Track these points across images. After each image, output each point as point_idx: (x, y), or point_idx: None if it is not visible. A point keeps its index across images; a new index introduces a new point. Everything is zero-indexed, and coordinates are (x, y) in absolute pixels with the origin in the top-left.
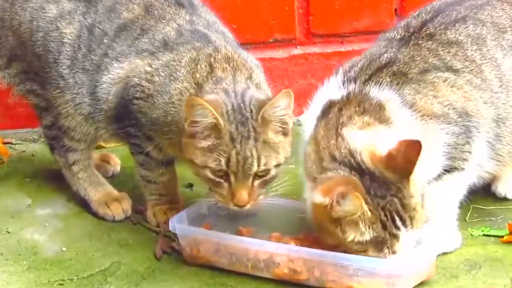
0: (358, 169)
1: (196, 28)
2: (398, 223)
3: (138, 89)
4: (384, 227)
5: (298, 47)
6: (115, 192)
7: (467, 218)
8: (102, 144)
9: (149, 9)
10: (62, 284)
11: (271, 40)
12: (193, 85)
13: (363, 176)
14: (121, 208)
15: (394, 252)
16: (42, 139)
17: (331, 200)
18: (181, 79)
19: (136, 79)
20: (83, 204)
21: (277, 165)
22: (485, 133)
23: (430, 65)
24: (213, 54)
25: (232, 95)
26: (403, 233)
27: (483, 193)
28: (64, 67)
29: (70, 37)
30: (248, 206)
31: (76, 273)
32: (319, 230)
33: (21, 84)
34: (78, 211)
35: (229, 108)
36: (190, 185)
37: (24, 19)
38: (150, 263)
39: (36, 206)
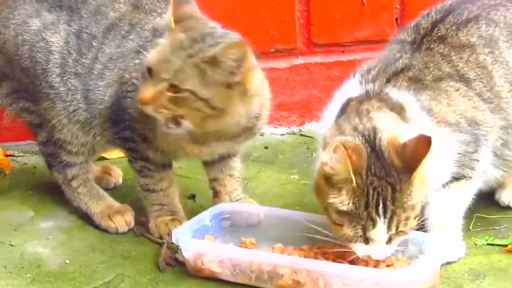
0: (371, 144)
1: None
2: (380, 210)
3: (129, 83)
4: (366, 206)
5: (299, 57)
6: (117, 204)
7: (470, 227)
8: (104, 155)
9: (138, 5)
10: None
11: (272, 50)
12: None
13: (372, 152)
14: (124, 220)
15: (366, 239)
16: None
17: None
18: None
19: (126, 75)
20: (86, 217)
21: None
22: (493, 141)
23: (444, 73)
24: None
25: None
26: (380, 223)
27: (486, 202)
28: (54, 76)
29: (57, 44)
30: None
31: (80, 286)
32: (317, 193)
33: (13, 103)
34: (81, 224)
35: None
36: (193, 196)
37: (9, 36)
38: (154, 275)
39: (39, 218)
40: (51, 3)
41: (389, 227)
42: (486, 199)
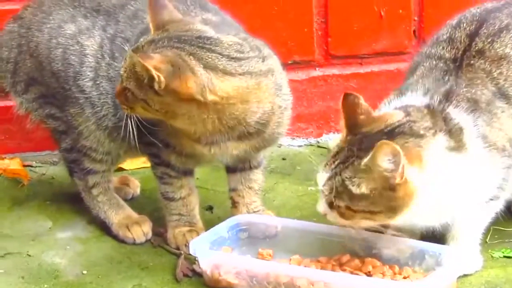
0: (392, 131)
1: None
2: (334, 163)
3: None
4: (335, 154)
5: (317, 68)
6: (135, 215)
7: (487, 240)
8: (122, 166)
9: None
10: None
11: (290, 62)
12: None
13: (382, 132)
14: (141, 231)
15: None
16: (62, 162)
17: None
18: None
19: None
20: (103, 227)
21: None
22: None
23: (491, 93)
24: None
25: None
26: (325, 174)
27: (503, 215)
28: (86, 79)
29: (92, 48)
30: None
31: None
32: None
33: (39, 109)
34: (98, 234)
35: None
36: (210, 208)
37: (42, 39)
38: (171, 286)
39: (56, 229)
40: (88, 8)
41: (325, 183)
42: (504, 213)
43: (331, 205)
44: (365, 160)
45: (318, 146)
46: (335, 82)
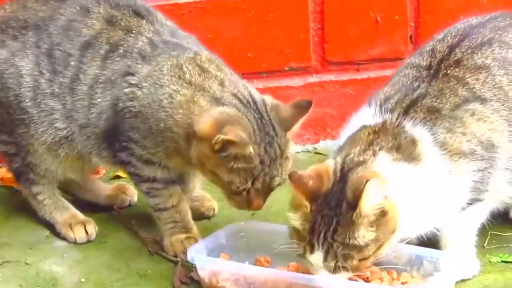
0: (344, 174)
1: (165, 38)
2: (320, 238)
3: (125, 111)
4: (311, 231)
5: (313, 75)
6: (81, 216)
7: (485, 245)
8: (119, 174)
9: (113, 21)
10: None
11: (286, 69)
12: (185, 84)
13: (340, 181)
14: (84, 231)
15: (306, 260)
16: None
17: None
18: (167, 84)
19: (120, 104)
20: (101, 235)
21: None
22: (507, 160)
23: (460, 98)
24: (196, 57)
25: (248, 105)
26: (317, 253)
27: (501, 220)
28: (27, 100)
29: (27, 67)
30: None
31: None
32: None
33: None
34: (96, 242)
35: (255, 127)
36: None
37: None
38: None
39: (53, 237)
40: (15, 28)
41: (325, 258)
42: (501, 217)
43: (335, 271)
44: (356, 211)
45: (316, 153)
46: (332, 88)
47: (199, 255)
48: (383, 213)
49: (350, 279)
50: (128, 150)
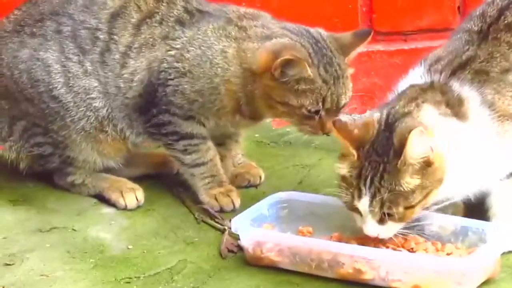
0: (389, 123)
1: (196, 7)
2: (367, 183)
3: (170, 71)
4: (358, 176)
5: None
6: (130, 182)
7: None
8: None
9: None
10: (128, 282)
11: None
12: (232, 40)
13: (384, 131)
14: (134, 197)
15: (352, 207)
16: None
17: None
18: (215, 43)
19: (164, 65)
20: (148, 202)
21: None
22: None
23: (511, 63)
24: (232, 18)
25: (299, 33)
26: (364, 198)
27: None
28: (59, 86)
29: (53, 56)
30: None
31: (142, 271)
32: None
33: (26, 143)
34: (143, 209)
35: (310, 50)
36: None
37: (5, 79)
38: (216, 262)
39: (101, 204)
40: (31, 25)
41: (371, 203)
42: None
43: (382, 221)
44: (401, 158)
45: None
46: (379, 58)
47: (244, 226)
48: (428, 163)
49: (394, 249)
50: (169, 111)
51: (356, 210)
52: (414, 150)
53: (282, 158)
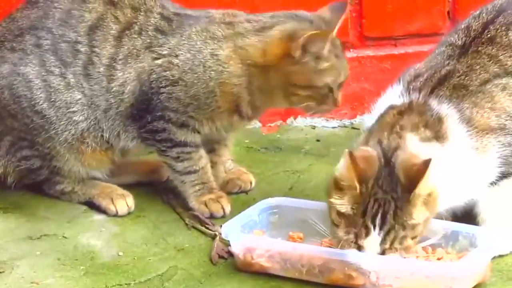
0: (387, 159)
1: (173, 11)
2: (377, 221)
3: (161, 80)
4: (363, 214)
5: (351, 50)
6: (120, 189)
7: None
8: None
9: (114, 1)
10: None
11: None
12: (221, 40)
13: (386, 166)
14: (125, 203)
15: (356, 245)
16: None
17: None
18: (203, 47)
19: (154, 75)
20: (139, 209)
21: None
22: None
23: (490, 74)
24: (211, 17)
25: (291, 17)
26: (374, 233)
27: None
28: (41, 102)
29: (33, 70)
30: None
31: (133, 278)
32: (326, 191)
33: (13, 157)
34: (134, 216)
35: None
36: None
37: None
38: (207, 268)
39: (91, 211)
40: (11, 39)
41: (384, 241)
42: None
43: (383, 253)
44: (414, 192)
45: (352, 128)
46: (369, 63)
47: (234, 232)
48: (431, 193)
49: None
50: (164, 118)
51: (357, 247)
52: (428, 182)
53: (272, 164)
